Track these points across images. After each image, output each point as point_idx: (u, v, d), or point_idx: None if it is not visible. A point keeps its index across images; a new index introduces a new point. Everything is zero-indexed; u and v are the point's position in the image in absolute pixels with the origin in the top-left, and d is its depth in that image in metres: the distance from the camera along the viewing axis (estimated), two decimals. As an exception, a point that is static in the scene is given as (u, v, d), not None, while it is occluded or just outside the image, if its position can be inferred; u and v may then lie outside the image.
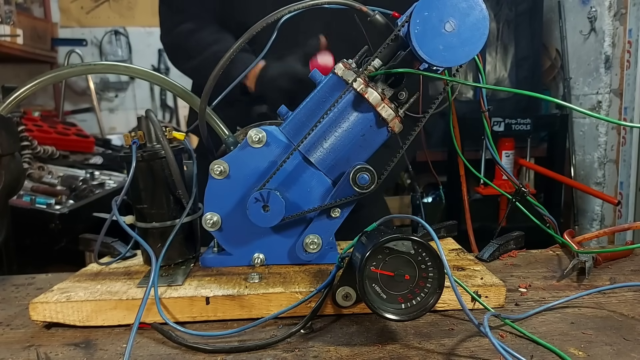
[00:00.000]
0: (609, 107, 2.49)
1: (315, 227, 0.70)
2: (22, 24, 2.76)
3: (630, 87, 2.36)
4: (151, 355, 0.55)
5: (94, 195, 1.87)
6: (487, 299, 0.64)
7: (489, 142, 0.75)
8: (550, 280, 0.73)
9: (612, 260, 0.81)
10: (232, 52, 0.66)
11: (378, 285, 0.54)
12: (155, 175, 0.70)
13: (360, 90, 0.64)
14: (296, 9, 0.65)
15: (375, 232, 0.57)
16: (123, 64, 0.70)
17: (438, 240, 0.52)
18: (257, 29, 0.66)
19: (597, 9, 2.48)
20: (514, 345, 0.54)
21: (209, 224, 0.70)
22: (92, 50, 3.45)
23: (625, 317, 0.61)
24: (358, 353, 0.54)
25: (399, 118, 0.66)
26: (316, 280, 0.66)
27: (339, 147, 0.68)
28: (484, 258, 0.81)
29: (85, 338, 0.59)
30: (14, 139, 0.68)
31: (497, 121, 2.47)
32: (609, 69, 2.48)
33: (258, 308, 0.62)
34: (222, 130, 0.72)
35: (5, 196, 0.68)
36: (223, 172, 0.69)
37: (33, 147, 1.95)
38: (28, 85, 0.67)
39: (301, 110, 0.69)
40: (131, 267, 0.74)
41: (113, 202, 0.70)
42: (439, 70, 0.65)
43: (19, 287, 0.77)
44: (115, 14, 3.47)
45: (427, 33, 0.59)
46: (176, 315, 0.62)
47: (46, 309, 0.61)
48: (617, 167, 2.47)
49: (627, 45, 2.35)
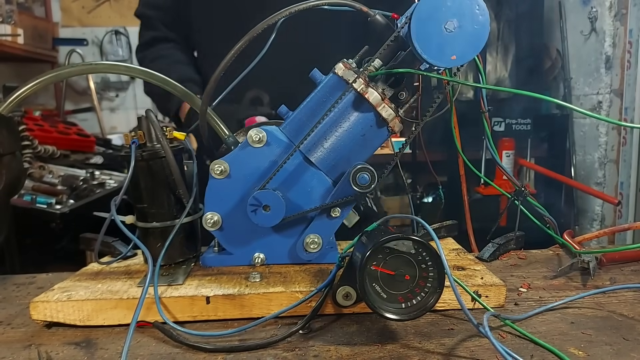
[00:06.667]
0: (610, 108, 2.49)
1: (316, 227, 0.70)
2: (23, 24, 2.76)
3: (630, 87, 2.36)
4: (152, 354, 0.55)
5: (95, 195, 1.87)
6: (487, 298, 0.64)
7: (489, 143, 0.75)
8: (550, 280, 0.73)
9: (624, 263, 0.80)
10: (233, 54, 0.66)
11: (378, 285, 0.54)
12: (155, 174, 0.70)
13: (361, 90, 0.64)
14: (297, 9, 0.65)
15: (376, 232, 0.57)
16: (124, 63, 0.71)
17: (438, 240, 0.53)
18: (257, 30, 0.66)
19: (597, 9, 2.48)
20: (514, 345, 0.54)
21: (209, 224, 0.70)
22: (93, 50, 3.45)
23: (625, 317, 0.61)
24: (358, 352, 0.54)
25: (399, 118, 0.67)
26: (316, 280, 0.66)
27: (339, 147, 0.68)
28: (484, 258, 0.81)
29: (86, 337, 0.59)
30: (14, 138, 0.68)
31: (497, 121, 2.48)
32: (610, 69, 2.47)
33: (258, 307, 0.62)
34: (223, 130, 0.73)
35: (6, 195, 0.69)
36: (224, 172, 0.69)
37: (34, 147, 1.95)
38: (29, 84, 0.67)
39: (302, 110, 0.69)
40: (132, 267, 0.74)
41: (112, 202, 0.70)
42: (439, 71, 0.65)
43: (19, 286, 0.77)
44: (116, 14, 3.47)
45: (427, 33, 0.59)
46: (177, 314, 0.62)
47: (47, 308, 0.61)
48: (617, 167, 2.47)
49: (628, 46, 2.35)
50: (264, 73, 0.79)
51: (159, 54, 1.18)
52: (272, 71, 0.86)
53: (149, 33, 1.21)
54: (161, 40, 1.20)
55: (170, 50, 1.20)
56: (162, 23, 1.20)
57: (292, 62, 0.75)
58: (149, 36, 1.21)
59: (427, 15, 0.59)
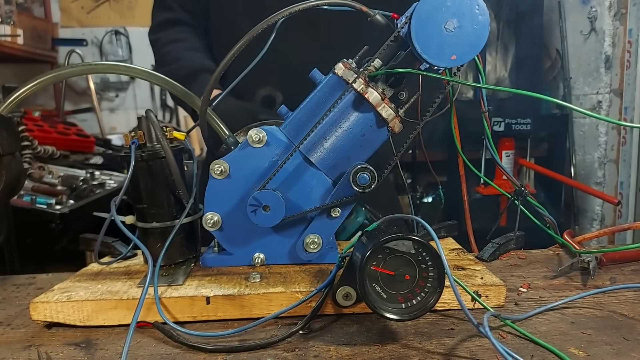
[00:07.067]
0: (609, 107, 2.49)
1: (316, 227, 0.70)
2: (22, 24, 2.76)
3: (630, 87, 2.36)
4: (152, 354, 0.55)
5: (95, 195, 1.87)
6: (487, 298, 0.64)
7: (489, 143, 0.75)
8: (550, 280, 0.73)
9: (624, 263, 0.80)
10: (232, 55, 0.66)
11: (378, 285, 0.54)
12: (155, 175, 0.70)
13: (361, 90, 0.64)
14: (297, 9, 0.65)
15: (376, 232, 0.57)
16: (123, 64, 0.71)
17: (438, 240, 0.53)
18: (258, 30, 0.66)
19: (597, 8, 2.48)
20: (514, 345, 0.54)
21: (209, 224, 0.70)
22: (93, 50, 3.45)
23: (626, 317, 0.61)
24: (358, 353, 0.54)
25: (399, 118, 0.66)
26: (316, 280, 0.66)
27: (339, 147, 0.68)
28: (484, 258, 0.81)
29: (86, 338, 0.59)
30: (14, 138, 0.68)
31: (497, 121, 2.48)
32: (609, 69, 2.48)
33: (258, 308, 0.62)
34: (223, 130, 0.72)
35: (5, 196, 0.69)
36: (223, 172, 0.69)
37: (33, 147, 1.95)
38: (28, 85, 0.67)
39: (302, 110, 0.69)
40: (132, 267, 0.74)
41: (112, 202, 0.70)
42: (439, 70, 0.65)
43: (19, 286, 0.77)
44: (115, 14, 3.47)
45: (427, 33, 0.59)
46: (177, 315, 0.62)
47: (47, 308, 0.61)
48: (617, 167, 2.47)
49: (627, 45, 2.35)
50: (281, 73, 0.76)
51: (174, 37, 1.11)
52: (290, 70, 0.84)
53: (163, 14, 1.14)
54: (176, 22, 1.13)
55: (186, 34, 1.12)
56: (178, 4, 1.12)
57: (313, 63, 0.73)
58: (163, 17, 1.13)
59: (427, 15, 0.59)
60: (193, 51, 1.09)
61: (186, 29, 1.12)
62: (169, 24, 1.13)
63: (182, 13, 1.12)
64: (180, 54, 1.05)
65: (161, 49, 1.08)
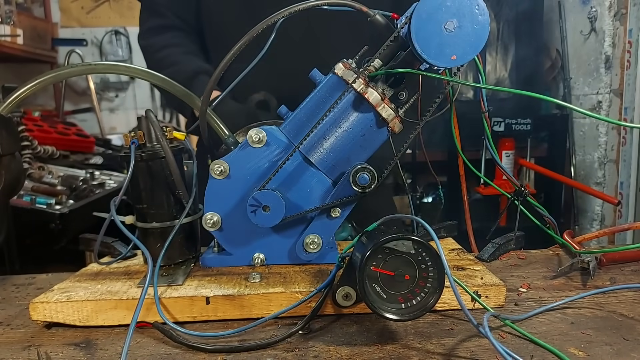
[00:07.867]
0: (609, 107, 2.49)
1: (316, 227, 0.70)
2: (22, 24, 2.76)
3: (630, 87, 2.36)
4: (151, 354, 0.55)
5: (94, 195, 1.87)
6: (487, 298, 0.64)
7: (489, 143, 0.75)
8: (550, 280, 0.73)
9: (624, 263, 0.80)
10: (232, 55, 0.66)
11: (378, 285, 0.54)
12: (155, 175, 0.70)
13: (361, 91, 0.64)
14: (297, 9, 0.65)
15: (376, 232, 0.57)
16: (123, 64, 0.71)
17: (438, 240, 0.53)
18: (257, 30, 0.66)
19: (597, 9, 2.48)
20: (514, 345, 0.54)
21: (209, 224, 0.70)
22: (93, 50, 3.45)
23: (625, 317, 0.61)
24: (358, 353, 0.54)
25: (399, 118, 0.66)
26: (316, 280, 0.66)
27: (339, 147, 0.68)
28: (484, 258, 0.81)
29: (86, 338, 0.59)
30: (14, 138, 0.68)
31: (497, 121, 2.48)
32: (609, 69, 2.47)
33: (258, 308, 0.62)
34: (222, 130, 0.72)
35: (5, 196, 0.68)
36: (223, 172, 0.69)
37: (33, 147, 1.95)
38: (28, 85, 0.67)
39: (301, 110, 0.69)
40: (131, 267, 0.74)
41: (112, 202, 0.70)
42: (439, 70, 0.65)
43: (19, 287, 0.77)
44: (115, 14, 3.47)
45: (427, 33, 0.59)
46: (176, 315, 0.62)
47: (46, 308, 0.61)
48: (617, 167, 2.47)
49: (627, 46, 2.35)
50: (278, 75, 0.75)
51: (168, 42, 1.09)
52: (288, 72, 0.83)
53: (154, 20, 1.12)
54: (169, 28, 1.11)
55: (180, 39, 1.10)
56: (170, 10, 1.10)
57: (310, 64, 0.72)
58: (154, 23, 1.11)
59: (427, 15, 0.59)
60: (190, 55, 1.07)
61: (179, 34, 1.11)
62: (161, 30, 1.11)
63: (174, 19, 1.11)
64: (177, 59, 1.04)
65: (155, 55, 1.06)
